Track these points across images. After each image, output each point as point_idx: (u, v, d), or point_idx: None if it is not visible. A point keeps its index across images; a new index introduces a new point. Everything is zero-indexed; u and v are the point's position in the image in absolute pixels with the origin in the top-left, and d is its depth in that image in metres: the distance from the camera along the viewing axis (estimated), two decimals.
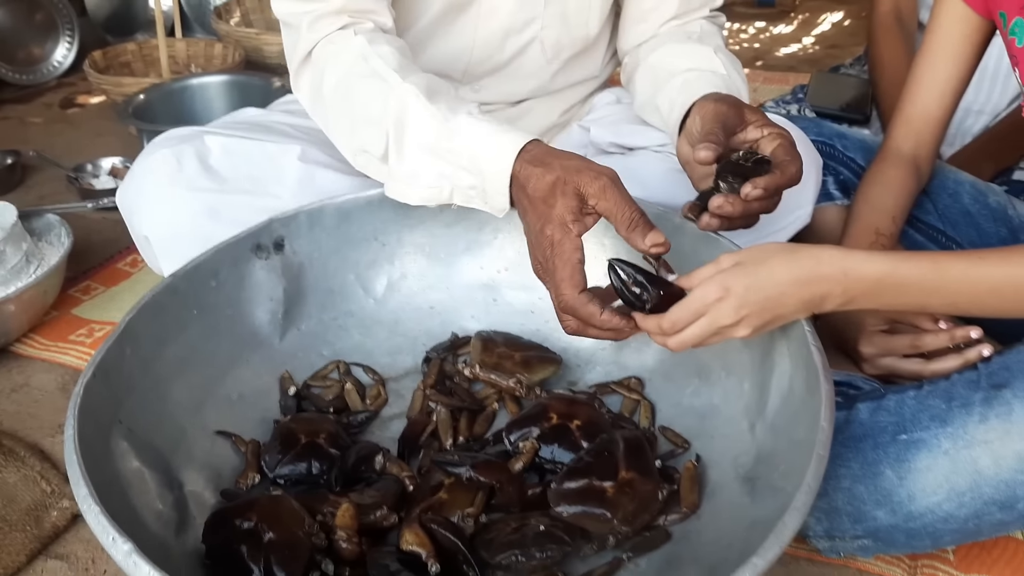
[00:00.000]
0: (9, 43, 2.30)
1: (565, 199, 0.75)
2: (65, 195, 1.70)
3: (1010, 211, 1.07)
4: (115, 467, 0.72)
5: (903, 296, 0.72)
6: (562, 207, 0.75)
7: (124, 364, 0.79)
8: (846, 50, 2.52)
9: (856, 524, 0.75)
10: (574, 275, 0.75)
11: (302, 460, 0.82)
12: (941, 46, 1.00)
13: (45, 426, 1.06)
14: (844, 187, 1.16)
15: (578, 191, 0.75)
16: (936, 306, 0.78)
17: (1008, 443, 0.71)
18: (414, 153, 0.86)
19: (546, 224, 0.76)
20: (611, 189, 0.74)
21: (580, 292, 0.74)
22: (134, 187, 1.02)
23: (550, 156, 0.78)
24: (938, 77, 1.00)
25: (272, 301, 0.95)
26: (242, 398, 0.90)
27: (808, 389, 0.69)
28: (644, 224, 0.73)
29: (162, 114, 1.79)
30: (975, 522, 0.73)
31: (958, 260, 0.73)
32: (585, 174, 0.75)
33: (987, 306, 0.74)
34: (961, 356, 0.82)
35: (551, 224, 0.76)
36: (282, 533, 0.71)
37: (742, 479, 0.74)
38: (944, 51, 0.99)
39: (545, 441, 0.82)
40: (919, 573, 0.83)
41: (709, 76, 0.95)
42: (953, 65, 0.99)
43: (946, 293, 0.72)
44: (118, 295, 1.33)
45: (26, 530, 0.87)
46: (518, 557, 0.71)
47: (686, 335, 0.71)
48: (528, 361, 0.94)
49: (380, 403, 0.94)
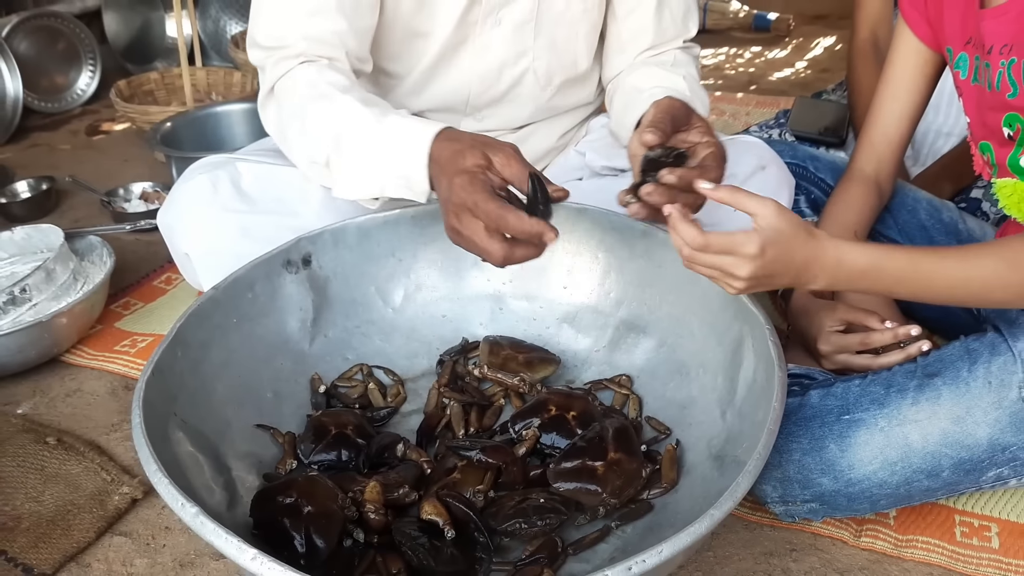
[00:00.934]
0: (33, 71, 2.38)
1: (472, 157, 0.84)
2: (98, 218, 1.80)
3: (960, 225, 1.18)
4: (173, 451, 0.82)
5: (878, 285, 0.83)
6: (470, 162, 0.84)
7: (176, 364, 0.88)
8: (836, 74, 2.55)
9: (805, 490, 0.86)
10: (493, 195, 0.82)
11: (333, 448, 0.93)
12: (899, 77, 1.08)
13: (99, 426, 1.17)
14: (815, 205, 1.26)
15: (486, 155, 0.84)
16: (903, 295, 0.88)
17: (935, 422, 0.83)
18: (352, 154, 0.96)
19: (456, 175, 0.84)
20: (514, 158, 0.84)
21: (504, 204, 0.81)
22: (174, 209, 1.12)
23: (461, 134, 0.89)
24: (896, 105, 1.08)
25: (302, 311, 1.05)
26: (277, 396, 1.00)
27: (767, 378, 0.81)
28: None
29: (188, 140, 1.88)
30: (906, 488, 0.85)
31: (926, 256, 0.83)
32: (492, 144, 0.85)
33: (946, 298, 0.85)
34: (903, 351, 0.93)
35: (461, 174, 0.83)
36: (319, 507, 0.81)
37: (713, 458, 0.86)
38: (901, 81, 1.08)
39: (545, 430, 0.92)
40: (864, 535, 0.94)
41: (673, 93, 1.01)
42: (909, 94, 1.08)
43: (913, 285, 0.83)
44: (155, 310, 1.44)
45: (93, 511, 0.98)
46: (521, 525, 0.82)
47: (704, 259, 0.78)
48: (530, 362, 1.04)
49: (400, 400, 1.04)
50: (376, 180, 0.96)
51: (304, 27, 1.02)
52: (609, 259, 1.08)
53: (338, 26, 1.02)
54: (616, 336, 1.07)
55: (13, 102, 2.27)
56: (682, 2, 1.17)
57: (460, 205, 0.84)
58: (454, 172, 0.85)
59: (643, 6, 1.14)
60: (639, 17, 1.15)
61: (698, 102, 1.08)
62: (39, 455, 1.07)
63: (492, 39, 1.12)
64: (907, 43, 1.06)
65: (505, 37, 1.12)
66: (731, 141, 1.21)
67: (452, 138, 0.89)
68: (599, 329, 1.08)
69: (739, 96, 2.52)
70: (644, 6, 1.14)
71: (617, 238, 1.06)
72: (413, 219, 1.09)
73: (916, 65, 1.06)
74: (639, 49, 1.17)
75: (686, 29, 1.19)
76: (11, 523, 0.98)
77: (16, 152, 2.22)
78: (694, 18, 1.20)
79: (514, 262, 0.85)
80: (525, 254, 0.84)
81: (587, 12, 1.14)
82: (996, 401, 0.84)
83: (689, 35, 1.20)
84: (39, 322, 1.22)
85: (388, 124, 0.94)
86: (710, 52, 2.97)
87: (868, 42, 1.54)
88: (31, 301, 1.26)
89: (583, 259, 1.10)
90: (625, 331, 1.06)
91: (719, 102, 2.46)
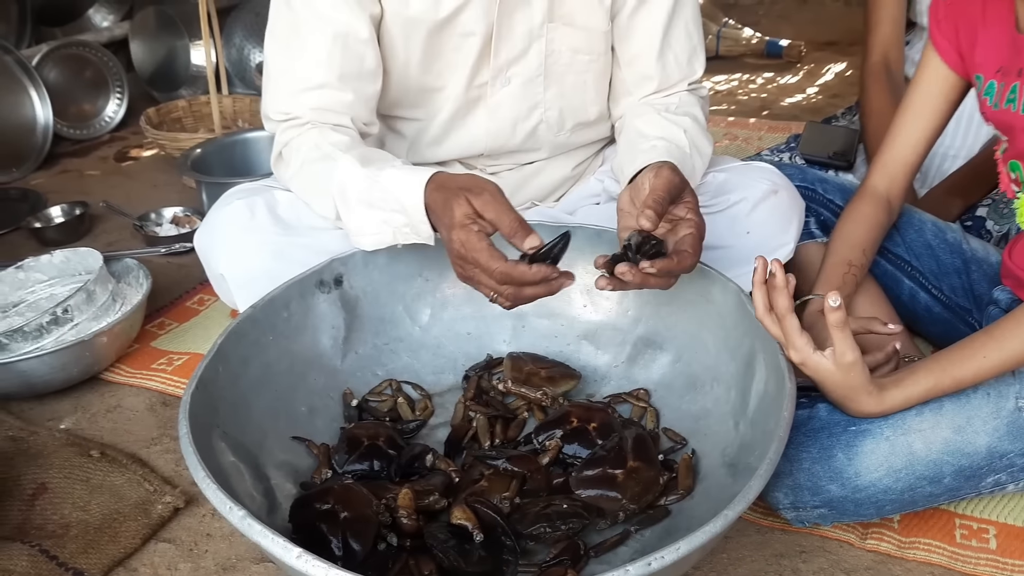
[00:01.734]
0: (62, 99, 2.44)
1: (460, 207, 0.89)
2: (130, 242, 1.85)
3: (964, 245, 1.22)
4: (217, 461, 0.86)
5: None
6: (459, 214, 0.89)
7: (217, 379, 0.93)
8: (847, 99, 2.55)
9: (814, 496, 0.91)
10: (492, 253, 0.87)
11: (366, 458, 0.98)
12: (921, 101, 1.10)
13: (140, 440, 1.22)
14: (824, 226, 1.29)
15: (469, 201, 0.90)
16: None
17: (937, 431, 0.88)
18: (357, 209, 1.02)
19: (451, 230, 0.90)
20: (492, 202, 0.89)
21: (504, 260, 0.87)
22: (211, 232, 1.17)
23: (447, 180, 0.94)
24: (916, 128, 1.10)
25: (334, 329, 1.09)
26: (311, 409, 1.05)
27: (777, 389, 0.86)
28: (523, 230, 0.87)
29: (217, 166, 1.93)
30: (910, 494, 0.89)
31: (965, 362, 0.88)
32: (472, 190, 0.90)
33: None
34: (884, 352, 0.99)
35: (455, 228, 0.89)
36: (354, 512, 0.86)
37: (727, 465, 0.90)
38: (924, 105, 1.10)
39: (567, 440, 0.98)
40: (870, 537, 0.98)
41: (673, 149, 1.05)
42: (930, 118, 1.10)
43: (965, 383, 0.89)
44: (190, 329, 1.49)
45: (138, 519, 1.03)
46: (546, 529, 0.86)
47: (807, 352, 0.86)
48: (552, 377, 1.08)
49: (427, 414, 1.09)
50: (386, 232, 1.02)
51: (310, 100, 1.08)
52: None
53: (343, 97, 1.08)
54: (634, 352, 1.12)
55: (43, 129, 2.34)
56: (686, 45, 1.17)
57: (463, 259, 0.91)
58: (449, 226, 0.91)
59: (646, 52, 1.16)
60: (643, 63, 1.17)
61: (697, 156, 1.11)
62: (84, 467, 1.13)
63: (503, 98, 1.16)
64: (934, 70, 1.08)
65: (515, 94, 1.16)
66: (745, 166, 1.26)
67: (440, 185, 0.95)
68: (618, 345, 1.13)
69: (751, 121, 2.56)
70: (647, 52, 1.16)
71: None
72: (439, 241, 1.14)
73: (941, 91, 1.09)
74: (644, 93, 1.19)
75: (691, 71, 1.19)
76: (60, 531, 1.03)
77: (47, 178, 2.28)
78: (699, 59, 1.20)
79: (524, 302, 0.91)
80: (534, 293, 0.90)
81: (592, 62, 1.17)
82: (994, 411, 0.89)
83: (694, 76, 1.20)
84: (81, 341, 1.28)
85: (384, 180, 0.99)
86: (723, 78, 3.01)
87: (880, 65, 1.56)
88: (73, 321, 1.32)
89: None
90: (642, 347, 1.11)
91: (732, 127, 2.51)
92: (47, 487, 1.09)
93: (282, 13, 1.10)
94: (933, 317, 1.25)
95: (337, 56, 1.07)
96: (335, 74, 1.07)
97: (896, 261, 1.26)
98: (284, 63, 1.11)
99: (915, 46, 1.62)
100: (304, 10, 1.07)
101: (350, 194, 1.02)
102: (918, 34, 1.63)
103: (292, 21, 1.08)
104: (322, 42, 1.06)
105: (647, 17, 1.15)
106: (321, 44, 1.06)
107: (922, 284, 1.25)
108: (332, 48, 1.06)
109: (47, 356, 1.26)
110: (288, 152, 1.11)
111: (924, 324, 1.28)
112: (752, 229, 1.17)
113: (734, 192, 1.18)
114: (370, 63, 1.09)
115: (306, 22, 1.07)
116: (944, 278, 1.23)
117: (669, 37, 1.15)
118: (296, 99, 1.09)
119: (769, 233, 1.18)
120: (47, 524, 1.04)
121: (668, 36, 1.15)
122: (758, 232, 1.17)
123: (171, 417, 1.26)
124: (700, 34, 1.20)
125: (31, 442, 1.18)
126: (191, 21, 2.63)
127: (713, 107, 1.83)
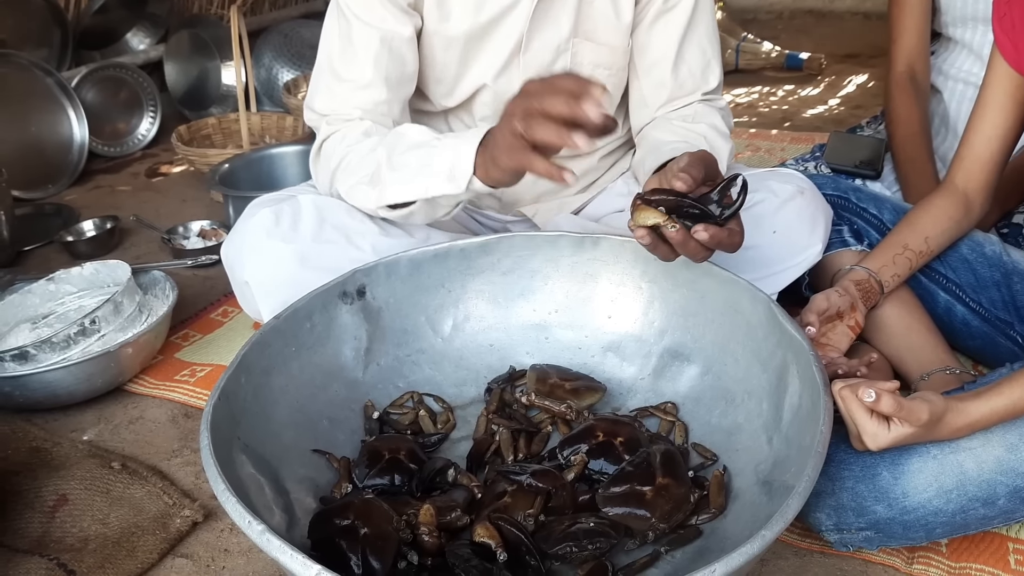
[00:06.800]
0: (99, 119, 2.52)
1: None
2: (158, 255, 1.88)
3: (1004, 257, 1.19)
4: (237, 473, 0.84)
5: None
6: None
7: (240, 390, 0.91)
8: (869, 110, 2.59)
9: (859, 518, 0.86)
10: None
11: (387, 473, 0.95)
12: (990, 100, 1.11)
13: (161, 452, 1.22)
14: (858, 235, 1.28)
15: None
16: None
17: (989, 449, 0.83)
18: (404, 155, 1.05)
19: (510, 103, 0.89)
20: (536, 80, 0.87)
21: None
22: (237, 241, 1.17)
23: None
24: (986, 125, 1.11)
25: (356, 340, 1.08)
26: (332, 421, 1.03)
27: (812, 403, 0.82)
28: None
29: (244, 181, 1.97)
30: (962, 516, 0.84)
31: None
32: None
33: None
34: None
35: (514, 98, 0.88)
36: (374, 528, 0.83)
37: (761, 483, 0.86)
38: (991, 105, 1.11)
39: (593, 456, 0.94)
40: (916, 562, 0.93)
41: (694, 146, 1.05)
42: (998, 115, 1.10)
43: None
44: (213, 341, 1.49)
45: (156, 533, 1.02)
46: (572, 548, 0.83)
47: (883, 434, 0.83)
48: (577, 390, 1.05)
49: (449, 427, 1.07)
50: (421, 179, 1.02)
51: (357, 98, 1.16)
52: (652, 289, 1.11)
53: (385, 96, 1.17)
54: (660, 364, 1.09)
55: (79, 147, 2.40)
56: (700, 57, 1.21)
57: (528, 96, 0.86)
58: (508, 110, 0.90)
59: (662, 63, 1.21)
60: (658, 72, 1.22)
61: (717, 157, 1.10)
62: (105, 479, 1.12)
63: None
64: (999, 68, 1.09)
65: None
66: (767, 171, 1.27)
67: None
68: (643, 357, 1.10)
69: (773, 132, 2.55)
70: (663, 63, 1.21)
71: (660, 269, 1.08)
72: (462, 252, 1.13)
73: (1007, 90, 1.09)
74: (659, 102, 1.23)
75: (705, 82, 1.23)
76: (79, 544, 1.02)
77: (80, 194, 2.33)
78: (715, 72, 1.23)
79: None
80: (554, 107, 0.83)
81: (611, 77, 1.23)
82: None
83: (708, 87, 1.24)
84: (106, 352, 1.28)
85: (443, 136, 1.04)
86: (744, 91, 3.01)
87: (905, 76, 1.57)
88: (99, 332, 1.32)
89: (627, 289, 1.13)
90: (669, 359, 1.08)
91: (754, 139, 2.48)
92: (68, 499, 1.09)
93: (333, 20, 1.19)
94: (971, 331, 1.22)
95: (384, 59, 1.15)
96: (381, 75, 1.16)
97: (930, 274, 1.24)
98: (335, 64, 1.18)
99: (940, 56, 1.61)
100: (355, 19, 1.15)
101: (402, 143, 1.06)
102: (944, 44, 1.62)
103: (344, 27, 1.17)
104: (371, 46, 1.15)
105: (663, 31, 1.20)
106: (370, 47, 1.15)
107: (959, 297, 1.22)
108: (380, 51, 1.15)
109: (73, 367, 1.26)
110: (333, 141, 1.16)
111: (962, 338, 1.24)
112: (779, 228, 1.16)
113: (758, 191, 1.18)
114: (411, 67, 1.19)
115: (356, 28, 1.15)
116: (983, 291, 1.20)
117: (683, 50, 1.20)
118: (344, 96, 1.17)
119: (796, 234, 1.17)
120: (66, 537, 1.03)
121: (682, 49, 1.20)
122: (785, 232, 1.16)
123: (192, 429, 1.26)
124: (716, 48, 1.24)
125: (54, 453, 1.18)
126: (223, 43, 2.73)
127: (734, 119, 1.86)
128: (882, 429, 0.82)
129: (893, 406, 0.80)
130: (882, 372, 1.19)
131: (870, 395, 0.80)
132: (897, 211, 1.27)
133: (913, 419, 0.81)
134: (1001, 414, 0.84)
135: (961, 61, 1.54)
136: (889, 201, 1.32)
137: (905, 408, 0.80)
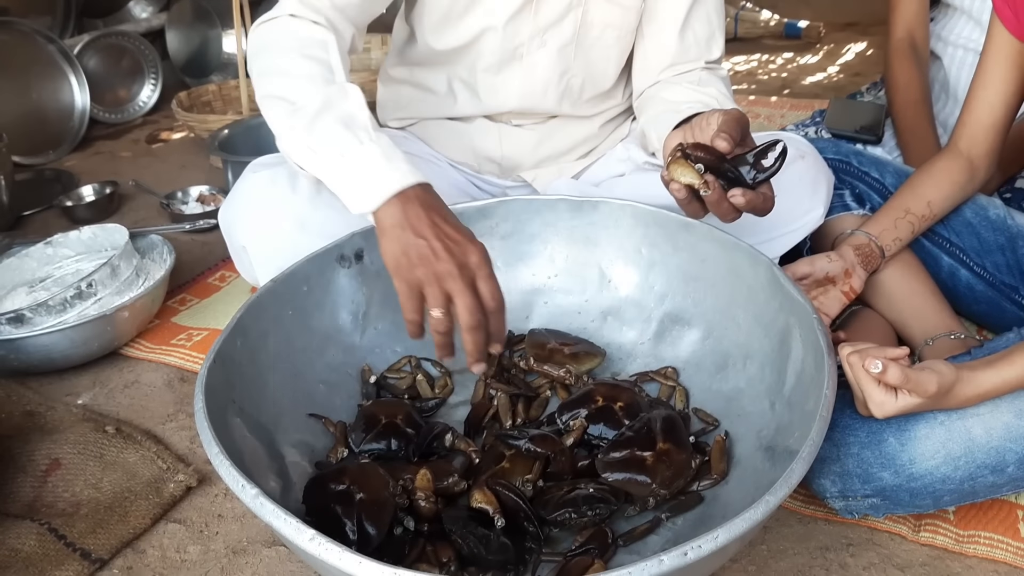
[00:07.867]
0: (100, 86, 2.52)
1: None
2: (157, 219, 1.87)
3: (1009, 221, 1.16)
4: (232, 437, 0.83)
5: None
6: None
7: (236, 353, 0.90)
8: (868, 78, 2.58)
9: (865, 484, 0.85)
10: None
11: (383, 437, 0.94)
12: (990, 67, 1.10)
13: (156, 416, 1.21)
14: (859, 199, 1.26)
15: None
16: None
17: (998, 415, 0.81)
18: (330, 125, 0.92)
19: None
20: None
21: None
22: (234, 204, 1.15)
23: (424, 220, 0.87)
24: (988, 91, 1.10)
25: (353, 304, 1.07)
26: (328, 386, 1.02)
27: (816, 367, 0.80)
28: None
29: (243, 146, 1.92)
30: (970, 483, 0.82)
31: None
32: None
33: None
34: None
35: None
36: (370, 494, 0.82)
37: (764, 449, 0.84)
38: (992, 71, 1.10)
39: (592, 420, 0.92)
40: (923, 530, 0.92)
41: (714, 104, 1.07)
42: (1000, 82, 1.09)
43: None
44: (210, 306, 1.48)
45: (149, 498, 1.01)
46: (571, 514, 0.82)
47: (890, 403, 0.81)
48: (576, 354, 1.04)
49: (447, 392, 1.05)
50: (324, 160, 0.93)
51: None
52: (653, 253, 1.09)
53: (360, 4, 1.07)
54: (661, 328, 1.07)
55: (81, 114, 2.39)
56: (707, 26, 1.20)
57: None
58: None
59: (668, 27, 1.19)
60: (664, 36, 1.20)
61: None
62: (99, 443, 1.11)
63: (540, 58, 1.18)
64: (999, 35, 1.08)
65: (551, 57, 1.18)
66: (768, 135, 1.23)
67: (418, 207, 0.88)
68: (643, 322, 1.08)
69: (773, 100, 2.53)
70: (670, 26, 1.19)
71: (660, 233, 1.06)
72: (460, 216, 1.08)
73: (1007, 56, 1.08)
74: (662, 65, 1.22)
75: (708, 51, 1.22)
76: (71, 509, 1.01)
77: (80, 159, 2.31)
78: (718, 43, 1.23)
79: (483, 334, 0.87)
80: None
81: (620, 39, 1.20)
82: None
83: (711, 57, 1.23)
84: (102, 315, 1.27)
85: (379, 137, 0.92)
86: (743, 59, 2.99)
87: (905, 42, 1.56)
88: (96, 296, 1.31)
89: (627, 253, 1.11)
90: (670, 323, 1.06)
91: (753, 105, 2.46)
92: (60, 463, 1.07)
93: None
94: (976, 295, 1.20)
95: None
96: None
97: (935, 239, 1.22)
98: None
99: (940, 22, 1.59)
100: None
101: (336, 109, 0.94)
102: (943, 10, 1.60)
103: None
104: None
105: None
106: None
107: (962, 261, 1.20)
108: None
109: (68, 330, 1.25)
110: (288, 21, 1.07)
111: (966, 303, 1.22)
112: (779, 191, 1.13)
113: None
114: None
115: None
116: (987, 255, 1.18)
117: (691, 17, 1.19)
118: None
119: (797, 197, 1.15)
120: (58, 502, 1.02)
121: (690, 15, 1.19)
122: (786, 195, 1.13)
123: (188, 393, 1.25)
124: (721, 22, 1.24)
125: (48, 417, 1.17)
126: (224, 12, 2.68)
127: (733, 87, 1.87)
128: (889, 398, 0.80)
129: (900, 378, 0.78)
130: (886, 337, 1.17)
131: (876, 367, 0.78)
132: (899, 175, 1.25)
133: (921, 391, 0.79)
134: (1013, 383, 0.82)
135: (960, 27, 1.51)
136: (891, 165, 1.29)
137: (912, 380, 0.78)
